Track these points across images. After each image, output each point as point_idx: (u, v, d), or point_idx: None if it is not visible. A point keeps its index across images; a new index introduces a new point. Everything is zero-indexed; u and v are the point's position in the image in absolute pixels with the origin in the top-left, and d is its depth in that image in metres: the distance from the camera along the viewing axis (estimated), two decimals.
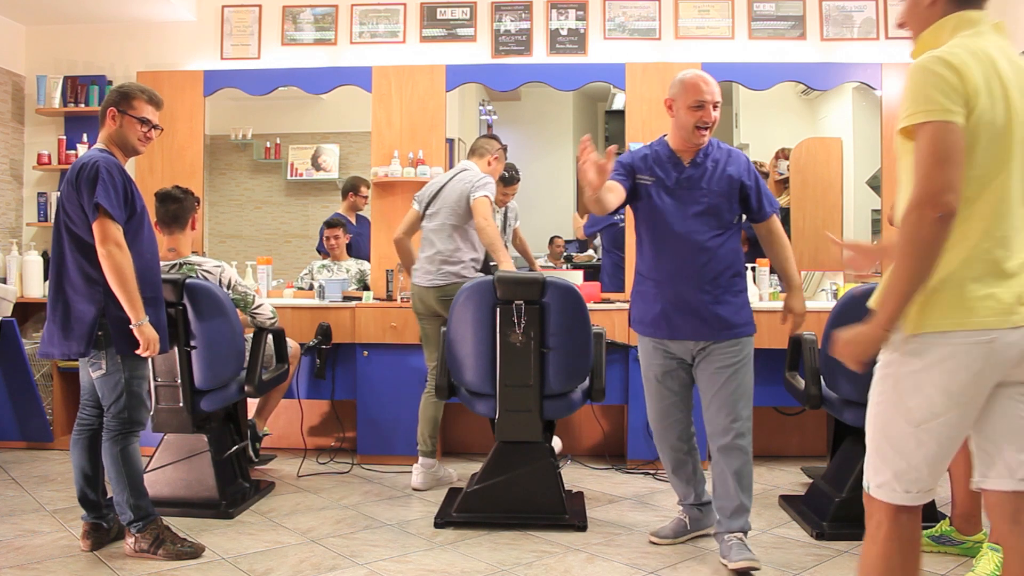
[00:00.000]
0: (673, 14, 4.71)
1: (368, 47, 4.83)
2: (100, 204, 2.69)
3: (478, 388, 3.27)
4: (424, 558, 2.90)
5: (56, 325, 2.79)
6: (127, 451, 2.85)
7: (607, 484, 3.88)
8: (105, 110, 2.90)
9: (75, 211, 2.78)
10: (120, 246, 2.72)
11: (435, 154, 4.68)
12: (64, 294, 2.79)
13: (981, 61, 1.64)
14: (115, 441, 2.83)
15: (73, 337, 2.76)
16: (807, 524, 3.19)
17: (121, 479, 2.83)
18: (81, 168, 2.77)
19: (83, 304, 2.76)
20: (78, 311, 2.76)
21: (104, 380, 2.83)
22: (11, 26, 4.98)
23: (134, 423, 2.87)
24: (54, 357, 2.84)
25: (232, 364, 3.38)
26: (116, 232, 2.72)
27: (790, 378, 3.51)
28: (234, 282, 3.51)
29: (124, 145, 2.92)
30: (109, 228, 2.72)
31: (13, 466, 4.14)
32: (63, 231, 2.82)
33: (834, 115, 5.10)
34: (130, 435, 2.86)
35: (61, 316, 2.78)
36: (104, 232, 2.71)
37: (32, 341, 4.53)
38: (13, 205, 5.01)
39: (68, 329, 2.77)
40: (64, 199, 2.81)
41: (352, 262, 4.88)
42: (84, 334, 2.75)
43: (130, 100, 2.90)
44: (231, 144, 5.26)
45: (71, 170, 2.81)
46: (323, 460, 4.26)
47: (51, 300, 2.83)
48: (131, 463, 2.85)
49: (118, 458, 2.83)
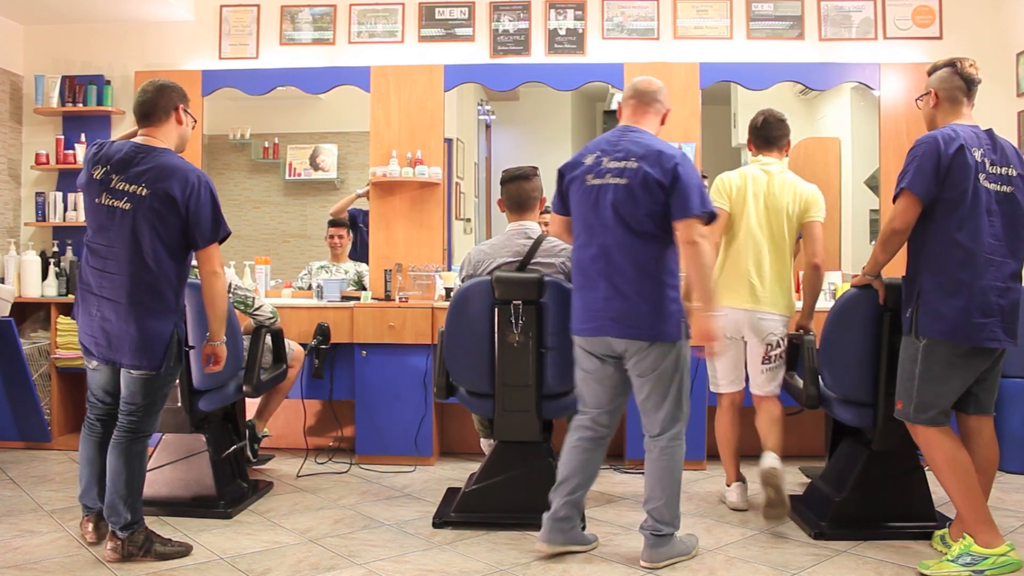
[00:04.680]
0: (671, 14, 4.71)
1: (366, 47, 4.83)
2: (220, 230, 2.75)
3: (477, 388, 3.27)
4: (422, 558, 2.90)
5: (127, 337, 2.72)
6: (142, 453, 2.85)
7: (606, 484, 3.88)
8: (171, 108, 2.81)
9: (173, 226, 2.71)
10: (223, 267, 2.84)
11: (433, 154, 4.68)
12: (140, 307, 2.71)
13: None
14: (129, 443, 2.81)
15: (151, 353, 2.73)
16: (805, 524, 3.19)
17: (129, 479, 2.79)
18: (190, 186, 2.70)
19: (162, 320, 2.74)
20: (157, 327, 2.73)
21: (151, 382, 2.79)
22: (9, 26, 4.97)
23: (151, 426, 2.87)
24: (121, 366, 2.78)
25: (231, 364, 3.37)
26: (220, 256, 2.80)
27: (788, 378, 3.51)
28: (234, 285, 3.51)
29: (182, 147, 2.89)
30: (219, 252, 2.78)
31: (11, 466, 4.14)
32: (147, 241, 2.70)
33: (832, 115, 5.10)
34: (145, 438, 2.86)
35: (136, 330, 2.71)
36: (216, 256, 2.77)
37: (30, 341, 4.53)
38: (11, 205, 5.00)
39: (145, 344, 2.72)
40: (155, 208, 2.69)
41: (351, 264, 4.88)
42: (162, 350, 2.75)
43: (187, 100, 2.89)
44: (229, 144, 5.25)
45: (164, 178, 2.69)
46: (321, 460, 4.26)
47: (115, 306, 2.72)
48: (142, 465, 2.85)
49: (132, 458, 2.81)
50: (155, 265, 2.72)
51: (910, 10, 4.65)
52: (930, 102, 2.85)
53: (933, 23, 4.65)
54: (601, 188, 2.77)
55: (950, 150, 2.67)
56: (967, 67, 2.81)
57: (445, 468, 4.18)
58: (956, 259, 2.68)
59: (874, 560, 2.86)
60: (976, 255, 2.67)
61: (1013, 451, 4.06)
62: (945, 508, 3.27)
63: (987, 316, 2.66)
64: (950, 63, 2.83)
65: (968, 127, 2.76)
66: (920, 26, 4.65)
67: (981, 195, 2.68)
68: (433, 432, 4.21)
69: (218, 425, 3.55)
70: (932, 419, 2.71)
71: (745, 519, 3.35)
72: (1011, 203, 2.72)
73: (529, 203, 3.36)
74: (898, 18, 4.66)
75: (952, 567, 2.66)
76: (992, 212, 2.69)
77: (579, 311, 2.86)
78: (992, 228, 2.68)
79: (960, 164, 2.67)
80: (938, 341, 2.69)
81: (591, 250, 2.79)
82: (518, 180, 3.36)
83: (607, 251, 2.75)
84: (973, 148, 2.69)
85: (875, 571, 2.76)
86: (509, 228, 3.38)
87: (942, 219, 2.71)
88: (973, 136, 2.73)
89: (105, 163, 2.75)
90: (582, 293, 2.85)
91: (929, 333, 2.70)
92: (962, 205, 2.68)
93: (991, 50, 4.58)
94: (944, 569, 2.67)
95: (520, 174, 3.37)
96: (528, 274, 3.19)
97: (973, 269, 2.66)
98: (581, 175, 2.84)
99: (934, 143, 2.70)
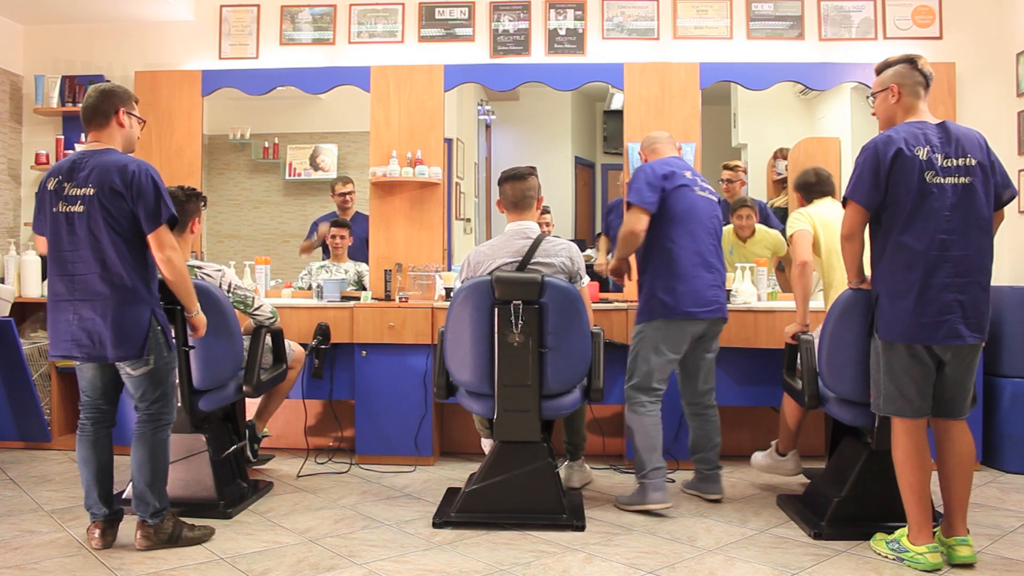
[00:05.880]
0: (671, 14, 4.71)
1: (366, 47, 4.83)
2: (163, 212, 2.81)
3: (476, 388, 3.27)
4: (422, 558, 2.90)
5: (107, 330, 2.79)
6: (165, 443, 2.96)
7: (605, 484, 3.88)
8: (112, 112, 2.91)
9: (124, 217, 2.80)
10: (176, 249, 2.88)
11: (433, 154, 4.68)
12: (112, 299, 2.79)
13: None
14: (153, 433, 2.92)
15: (131, 341, 2.81)
16: (805, 524, 3.19)
17: (154, 467, 2.91)
18: (129, 175, 2.79)
19: (136, 309, 2.82)
20: (132, 316, 2.81)
21: (149, 375, 2.88)
22: (9, 26, 4.97)
23: (171, 414, 2.98)
24: (107, 361, 2.85)
25: (230, 364, 3.38)
26: (171, 237, 2.87)
27: (788, 378, 3.51)
28: (234, 285, 3.51)
29: (130, 147, 2.98)
30: (168, 235, 2.86)
31: (11, 466, 4.14)
32: (104, 236, 2.79)
33: (832, 115, 5.10)
34: (167, 427, 2.97)
35: (113, 321, 2.79)
36: (165, 239, 2.84)
37: (30, 341, 4.53)
38: (11, 205, 5.00)
39: (124, 334, 2.80)
40: (103, 204, 2.78)
41: (351, 264, 4.88)
42: (142, 337, 2.82)
43: (131, 101, 2.98)
44: (229, 144, 5.25)
45: (106, 174, 2.78)
46: (321, 460, 4.26)
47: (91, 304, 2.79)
48: (165, 454, 2.97)
49: (155, 449, 2.92)
50: (118, 258, 2.80)
51: (910, 10, 4.65)
52: (891, 97, 2.85)
53: (933, 23, 4.65)
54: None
55: (888, 155, 2.71)
56: (924, 64, 2.83)
57: (445, 468, 4.18)
58: (903, 261, 2.71)
59: (874, 560, 2.86)
60: (924, 255, 2.68)
61: (1013, 451, 4.07)
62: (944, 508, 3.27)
63: (944, 314, 2.68)
64: (907, 59, 2.85)
65: (918, 124, 2.77)
66: (920, 26, 4.65)
67: (929, 193, 2.69)
68: (433, 432, 4.21)
69: (218, 425, 3.55)
70: (898, 410, 2.78)
71: (745, 519, 3.35)
72: (970, 194, 2.72)
73: (525, 202, 3.39)
74: (898, 18, 4.66)
75: (884, 547, 2.89)
76: (947, 208, 2.69)
77: (685, 295, 3.35)
78: (948, 223, 2.69)
79: (900, 168, 2.70)
80: (892, 344, 2.75)
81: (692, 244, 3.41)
82: (514, 180, 3.39)
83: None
84: (916, 147, 2.71)
85: (875, 571, 2.76)
86: (509, 228, 3.39)
87: (888, 223, 2.76)
88: (917, 135, 2.74)
89: (57, 174, 2.88)
90: (689, 280, 3.37)
91: (884, 336, 2.76)
92: (906, 207, 2.70)
93: (991, 50, 4.58)
94: (879, 546, 2.91)
95: (515, 174, 3.41)
96: (528, 274, 3.19)
97: (922, 269, 2.68)
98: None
99: (872, 150, 2.75)
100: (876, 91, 2.91)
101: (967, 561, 2.76)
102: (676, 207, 3.38)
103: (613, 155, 5.82)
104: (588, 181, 6.11)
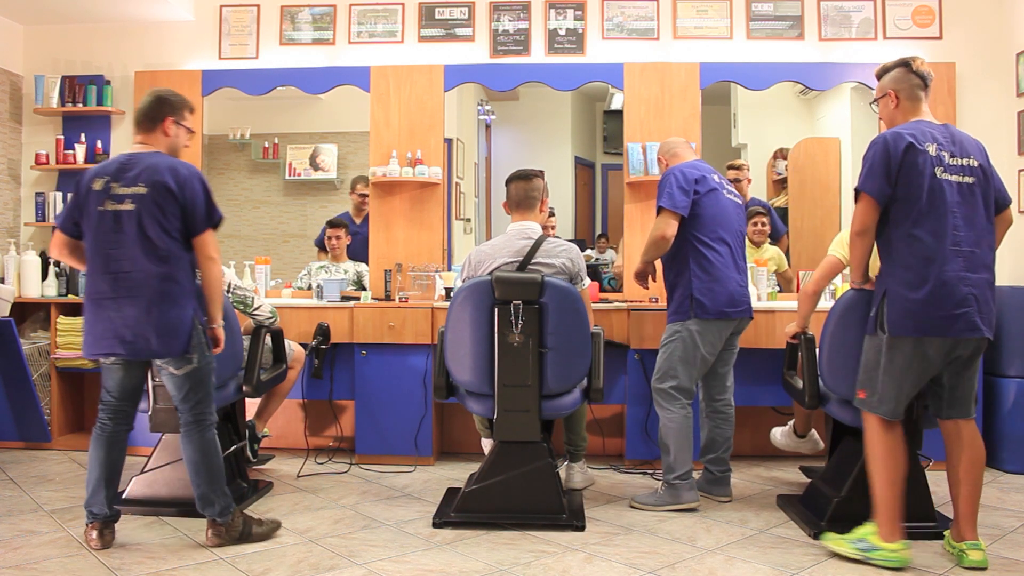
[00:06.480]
0: (671, 14, 4.71)
1: (366, 47, 4.83)
2: (213, 215, 2.90)
3: (476, 388, 3.27)
4: (422, 558, 2.90)
5: (151, 327, 2.82)
6: (213, 441, 2.98)
7: (605, 484, 3.88)
8: (159, 119, 2.96)
9: (175, 216, 2.85)
10: (218, 253, 2.95)
11: (433, 154, 4.69)
12: (157, 297, 2.82)
13: None
14: (201, 434, 2.95)
15: (176, 339, 2.85)
16: (805, 524, 3.19)
17: (210, 466, 2.95)
18: (182, 176, 2.85)
19: (180, 307, 2.86)
20: (176, 314, 2.85)
21: (192, 374, 2.91)
22: (9, 26, 4.97)
23: (214, 414, 3.01)
24: (152, 357, 2.88)
25: (230, 364, 3.38)
26: (216, 241, 2.95)
27: (788, 378, 3.51)
28: (234, 285, 3.51)
29: (174, 154, 3.02)
30: (214, 238, 2.93)
31: (11, 466, 4.14)
32: (153, 233, 2.82)
33: (832, 115, 5.10)
34: (212, 426, 3.00)
35: (157, 318, 2.82)
36: (211, 241, 2.91)
37: (30, 341, 4.53)
38: (11, 205, 5.00)
39: (169, 331, 2.84)
40: (156, 201, 2.82)
41: (350, 264, 4.88)
42: (186, 335, 2.86)
43: (183, 111, 3.02)
44: (229, 144, 5.25)
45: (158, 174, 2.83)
46: (321, 460, 4.26)
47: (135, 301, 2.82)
48: (217, 452, 2.99)
49: (206, 449, 2.95)
50: (167, 255, 2.84)
51: (910, 10, 4.65)
52: (890, 103, 2.87)
53: (933, 23, 4.65)
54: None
55: (899, 148, 2.71)
56: (920, 65, 2.84)
57: (445, 468, 4.18)
58: (920, 253, 2.70)
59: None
60: (938, 248, 2.68)
61: (1013, 451, 4.07)
62: (944, 508, 3.27)
63: (961, 307, 2.67)
64: (903, 63, 2.86)
65: (923, 123, 2.79)
66: (920, 26, 4.65)
67: (940, 189, 2.70)
68: (433, 432, 4.21)
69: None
70: (890, 411, 2.77)
71: (745, 519, 3.35)
72: (973, 194, 2.75)
73: (528, 202, 3.40)
74: (898, 18, 4.66)
75: (847, 547, 2.83)
76: (955, 203, 2.71)
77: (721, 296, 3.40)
78: (955, 219, 2.70)
79: (911, 161, 2.70)
80: (903, 338, 2.71)
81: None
82: (519, 180, 3.42)
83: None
84: (926, 143, 2.72)
85: (875, 571, 2.76)
86: (510, 228, 3.39)
87: (901, 217, 2.74)
88: (926, 132, 2.75)
89: (103, 175, 2.90)
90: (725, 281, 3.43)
91: (894, 331, 2.72)
92: (919, 201, 2.70)
93: (991, 50, 4.58)
94: (840, 546, 2.85)
95: (521, 174, 3.44)
96: (528, 274, 3.19)
97: (936, 261, 2.68)
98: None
99: (883, 143, 2.75)
100: (877, 97, 2.95)
101: (979, 566, 2.73)
102: (709, 210, 3.43)
103: (613, 155, 5.81)
104: (588, 181, 6.12)
